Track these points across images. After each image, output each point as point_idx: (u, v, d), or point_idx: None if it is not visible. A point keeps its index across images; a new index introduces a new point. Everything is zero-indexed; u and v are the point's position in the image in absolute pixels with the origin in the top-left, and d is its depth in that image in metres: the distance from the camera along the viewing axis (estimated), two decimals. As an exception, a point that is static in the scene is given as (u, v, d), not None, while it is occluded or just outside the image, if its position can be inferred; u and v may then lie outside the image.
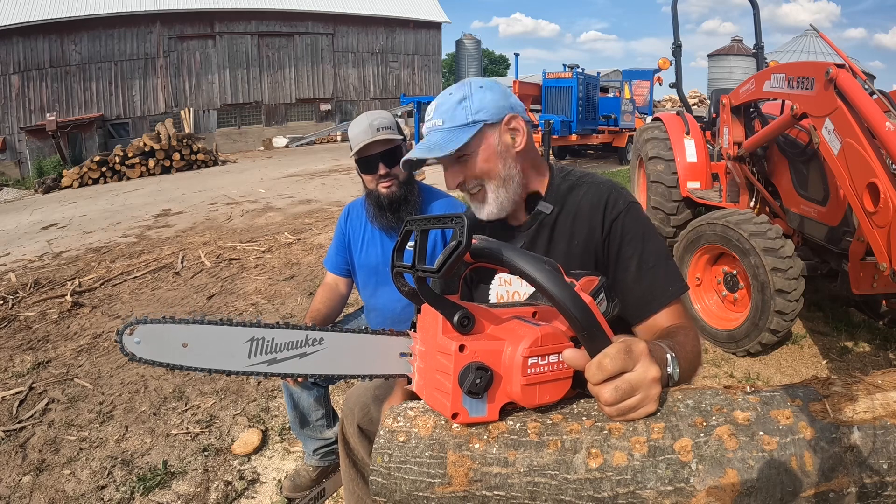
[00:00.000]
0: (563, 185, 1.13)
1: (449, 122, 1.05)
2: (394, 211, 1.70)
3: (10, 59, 17.04)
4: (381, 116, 1.68)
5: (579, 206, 1.10)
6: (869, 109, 1.92)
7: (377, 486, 0.70)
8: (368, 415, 1.38)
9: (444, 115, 1.05)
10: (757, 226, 2.71)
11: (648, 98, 12.57)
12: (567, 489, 0.63)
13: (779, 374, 2.76)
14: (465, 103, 1.05)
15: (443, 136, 1.04)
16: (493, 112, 1.05)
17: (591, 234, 1.07)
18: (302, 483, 1.94)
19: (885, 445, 0.60)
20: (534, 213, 1.12)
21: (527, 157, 1.11)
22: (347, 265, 1.89)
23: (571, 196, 1.12)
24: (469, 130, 1.04)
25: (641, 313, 1.03)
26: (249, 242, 5.86)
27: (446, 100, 1.07)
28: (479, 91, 1.06)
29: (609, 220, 1.06)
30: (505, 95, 1.09)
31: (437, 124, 1.06)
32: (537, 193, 1.13)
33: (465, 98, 1.06)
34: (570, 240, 1.09)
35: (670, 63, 4.91)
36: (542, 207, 1.12)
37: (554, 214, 1.11)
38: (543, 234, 1.11)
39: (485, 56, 37.57)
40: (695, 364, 0.90)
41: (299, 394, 1.83)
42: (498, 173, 1.07)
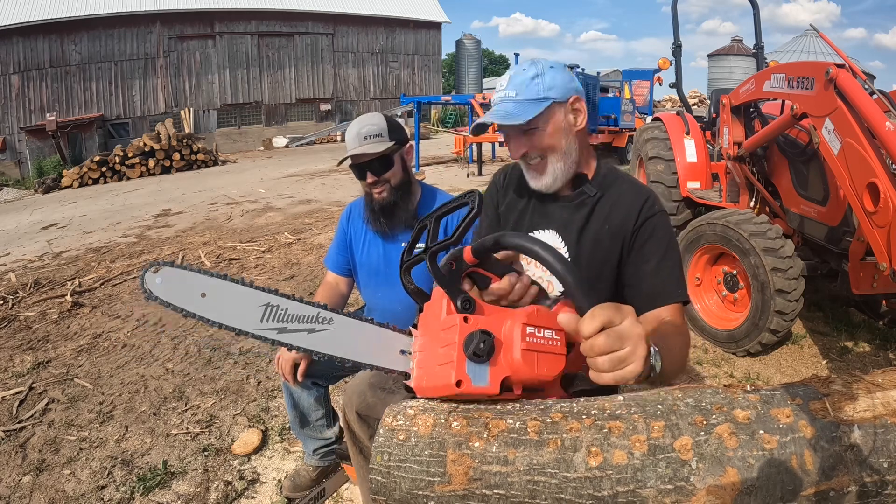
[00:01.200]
0: (609, 175, 1.22)
1: (522, 94, 1.11)
2: (386, 216, 1.70)
3: (10, 59, 17.05)
4: (370, 123, 1.67)
5: (620, 196, 1.18)
6: (869, 109, 1.92)
7: (377, 484, 0.70)
8: (366, 401, 1.44)
9: (518, 88, 1.11)
10: (757, 226, 2.71)
11: (648, 98, 12.57)
12: (567, 488, 0.62)
13: (779, 373, 2.76)
14: (538, 80, 1.11)
15: (515, 107, 1.10)
16: (562, 91, 1.12)
17: (624, 222, 1.15)
18: (302, 483, 1.94)
19: (885, 444, 0.60)
20: (579, 191, 1.20)
21: (583, 138, 1.19)
22: (348, 264, 1.88)
23: (615, 186, 1.20)
24: (540, 105, 1.10)
25: (651, 303, 1.10)
26: (249, 242, 5.86)
27: (520, 74, 1.13)
28: (551, 71, 1.13)
29: (645, 216, 1.15)
30: (572, 78, 1.16)
31: (509, 95, 1.12)
32: (584, 175, 1.21)
33: (539, 75, 1.12)
34: (604, 223, 1.17)
35: (670, 63, 4.91)
36: (588, 189, 1.20)
37: (596, 197, 1.19)
38: (583, 210, 1.19)
39: (485, 56, 37.57)
40: (678, 365, 0.94)
41: (299, 393, 1.83)
42: (560, 148, 1.15)
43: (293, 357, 1.70)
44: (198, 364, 3.09)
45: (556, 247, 1.18)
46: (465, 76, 24.96)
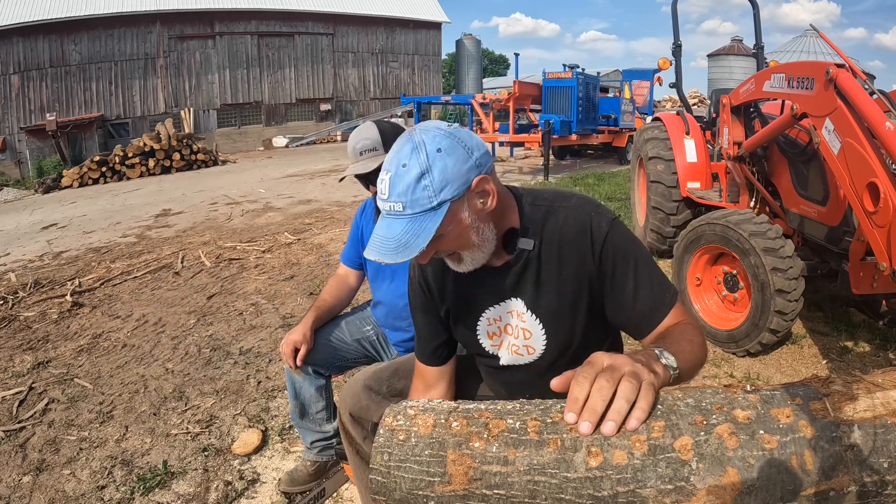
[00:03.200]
0: (536, 215, 1.07)
1: (410, 206, 0.90)
2: None
3: (10, 59, 17.04)
4: (363, 138, 1.69)
5: (562, 233, 1.05)
6: (869, 109, 1.92)
7: (377, 484, 0.70)
8: (359, 402, 1.45)
9: (404, 199, 0.89)
10: (757, 226, 2.71)
11: (648, 98, 12.57)
12: (567, 488, 0.62)
13: (779, 373, 2.76)
14: (426, 181, 0.89)
15: (407, 229, 0.90)
16: (458, 184, 0.91)
17: (581, 260, 1.04)
18: (299, 477, 1.95)
19: (885, 444, 0.60)
20: (517, 253, 1.06)
21: (498, 208, 1.01)
22: (360, 258, 1.93)
23: (549, 224, 1.06)
24: (436, 216, 0.90)
25: (647, 327, 1.02)
26: (249, 242, 5.86)
27: (402, 175, 0.90)
28: (439, 159, 0.90)
29: (598, 244, 1.03)
30: (467, 153, 0.93)
31: (395, 209, 0.90)
32: (513, 230, 1.06)
33: (425, 174, 0.89)
34: (560, 268, 1.06)
35: (670, 63, 4.91)
36: (524, 244, 1.05)
37: (536, 248, 1.06)
38: (531, 269, 1.07)
39: (485, 56, 37.56)
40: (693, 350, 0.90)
41: (301, 382, 1.85)
42: (472, 243, 0.99)
43: (294, 341, 1.73)
44: (198, 364, 3.09)
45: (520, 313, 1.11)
46: (465, 76, 24.95)
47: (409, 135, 0.93)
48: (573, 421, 0.66)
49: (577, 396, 0.68)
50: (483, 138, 10.93)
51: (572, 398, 0.68)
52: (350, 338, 1.88)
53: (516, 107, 11.10)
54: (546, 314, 1.09)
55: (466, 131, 0.97)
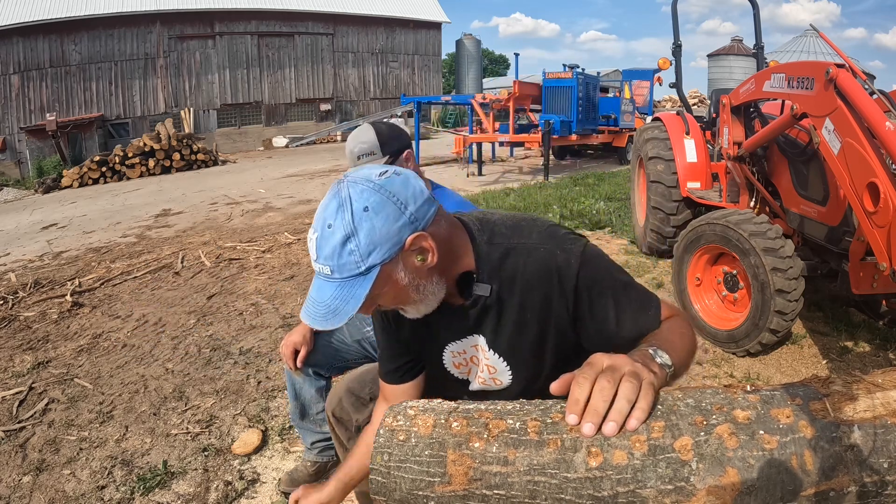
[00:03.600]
0: (493, 255, 0.98)
1: (338, 271, 0.83)
2: None
3: (10, 59, 17.03)
4: (361, 142, 1.66)
5: (524, 275, 0.97)
6: (869, 109, 1.92)
7: (376, 485, 0.70)
8: (341, 404, 1.49)
9: (331, 263, 0.83)
10: (757, 226, 2.71)
11: (648, 98, 12.57)
12: (567, 488, 0.62)
13: (779, 374, 2.76)
14: (352, 245, 0.82)
15: (336, 294, 0.84)
16: (389, 246, 0.83)
17: (546, 302, 0.97)
18: (299, 478, 1.95)
19: (885, 444, 0.60)
20: (473, 300, 0.99)
21: (445, 257, 0.92)
22: None
23: (507, 265, 0.98)
24: (365, 281, 0.84)
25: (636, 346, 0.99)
26: (249, 242, 5.86)
27: (327, 237, 0.83)
28: (365, 219, 0.82)
29: (569, 284, 0.95)
30: (399, 209, 0.84)
31: (324, 272, 0.85)
32: (468, 274, 0.98)
33: (350, 237, 0.82)
34: (521, 310, 0.99)
35: (670, 63, 4.91)
36: (480, 290, 0.98)
37: (494, 294, 0.98)
38: (490, 314, 1.00)
39: (485, 56, 37.56)
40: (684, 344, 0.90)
41: (301, 384, 1.85)
42: (413, 299, 0.92)
43: (294, 342, 1.73)
44: (198, 364, 3.09)
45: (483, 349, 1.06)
46: (465, 76, 24.95)
47: (336, 188, 0.85)
48: (575, 422, 0.66)
49: (577, 398, 0.68)
50: (483, 138, 11.01)
51: (573, 399, 0.68)
52: (350, 339, 1.88)
53: (516, 107, 11.10)
54: (509, 354, 1.04)
55: (402, 179, 0.86)
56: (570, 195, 7.49)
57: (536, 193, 7.79)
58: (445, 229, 0.92)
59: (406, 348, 1.14)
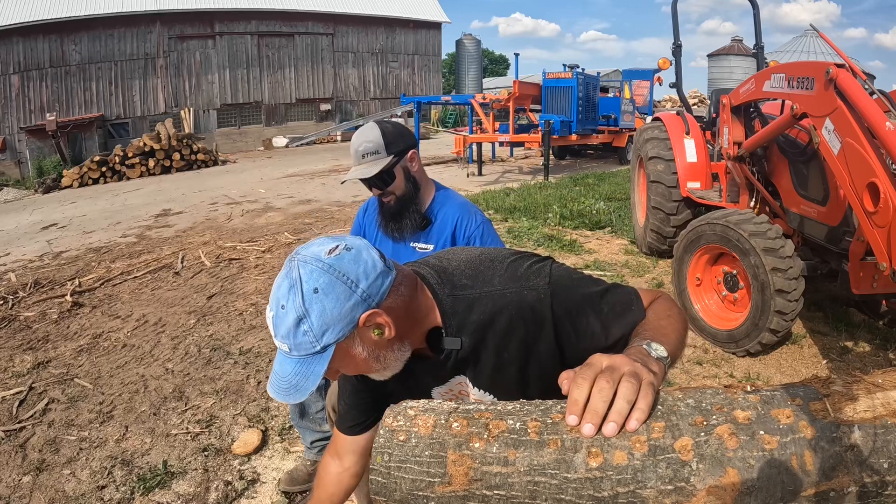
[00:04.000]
0: (459, 307, 0.96)
1: (295, 349, 0.84)
2: (396, 221, 1.72)
3: (10, 59, 17.03)
4: (366, 140, 1.66)
5: (494, 325, 0.96)
6: (869, 109, 1.92)
7: (377, 485, 0.70)
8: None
9: (288, 342, 0.84)
10: (757, 226, 2.71)
11: (648, 98, 12.58)
12: (567, 488, 0.62)
13: (779, 374, 2.76)
14: (305, 326, 0.82)
15: (296, 370, 0.85)
16: (342, 325, 0.84)
17: (524, 343, 0.96)
18: (299, 477, 1.95)
19: (885, 445, 0.60)
20: (444, 356, 0.98)
21: (406, 324, 0.91)
22: None
23: (474, 316, 0.96)
24: (322, 359, 0.85)
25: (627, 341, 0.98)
26: (249, 242, 5.86)
27: (281, 316, 0.83)
28: (316, 301, 0.82)
29: (547, 320, 0.94)
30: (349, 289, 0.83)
31: (283, 349, 0.86)
32: (435, 330, 0.97)
33: (302, 319, 0.82)
34: (498, 354, 0.98)
35: (670, 63, 4.91)
36: (450, 344, 0.96)
37: (468, 348, 0.97)
38: (465, 366, 1.00)
39: (485, 56, 37.57)
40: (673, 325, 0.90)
41: None
42: (374, 368, 0.92)
43: None
44: (198, 364, 3.09)
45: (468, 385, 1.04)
46: (465, 76, 24.96)
47: (288, 266, 0.86)
48: (575, 423, 0.66)
49: (577, 398, 0.68)
50: (483, 138, 11.01)
51: (573, 400, 0.68)
52: None
53: (516, 107, 11.10)
54: (493, 388, 1.03)
55: (354, 255, 0.86)
56: (570, 195, 7.49)
57: (536, 193, 7.79)
58: (404, 297, 0.91)
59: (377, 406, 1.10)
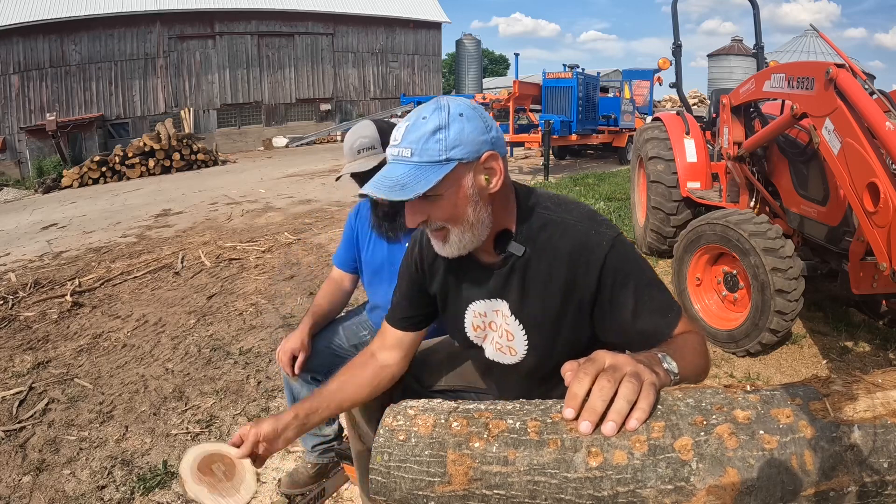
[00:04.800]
0: (534, 223, 1.03)
1: (418, 154, 0.91)
2: (389, 221, 1.71)
3: (10, 59, 17.03)
4: (362, 136, 1.66)
5: (556, 248, 1.01)
6: (869, 109, 1.92)
7: (377, 485, 0.70)
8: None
9: (414, 146, 0.91)
10: (757, 226, 2.71)
11: (648, 98, 12.57)
12: (567, 488, 0.62)
13: (779, 374, 2.76)
14: (441, 135, 0.90)
15: (409, 173, 0.91)
16: (471, 149, 0.92)
17: (572, 279, 1.00)
18: (300, 479, 1.95)
19: (885, 444, 0.60)
20: (505, 256, 1.04)
21: (500, 197, 1.00)
22: (355, 261, 1.91)
23: (544, 235, 1.02)
24: (441, 169, 0.90)
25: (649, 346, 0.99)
26: (249, 242, 5.86)
27: (419, 125, 0.92)
28: (458, 121, 0.91)
29: (595, 267, 0.98)
30: (485, 127, 0.95)
31: (403, 154, 0.92)
32: (507, 232, 1.04)
33: (441, 128, 0.90)
34: (547, 282, 1.02)
35: (670, 63, 4.91)
36: (514, 249, 1.03)
37: (526, 256, 1.03)
38: (516, 275, 1.05)
39: (485, 56, 37.56)
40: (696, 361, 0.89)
41: (299, 389, 1.84)
42: (466, 218, 0.96)
43: (292, 348, 1.72)
44: (198, 364, 3.09)
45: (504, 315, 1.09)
46: (465, 76, 24.94)
47: (436, 98, 0.96)
48: (571, 417, 0.66)
49: (576, 392, 0.68)
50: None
51: (572, 394, 0.68)
52: (348, 343, 1.85)
53: (516, 107, 11.10)
54: (528, 322, 1.07)
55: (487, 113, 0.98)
56: (570, 195, 7.48)
57: (536, 193, 7.77)
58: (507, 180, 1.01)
59: (425, 303, 1.19)
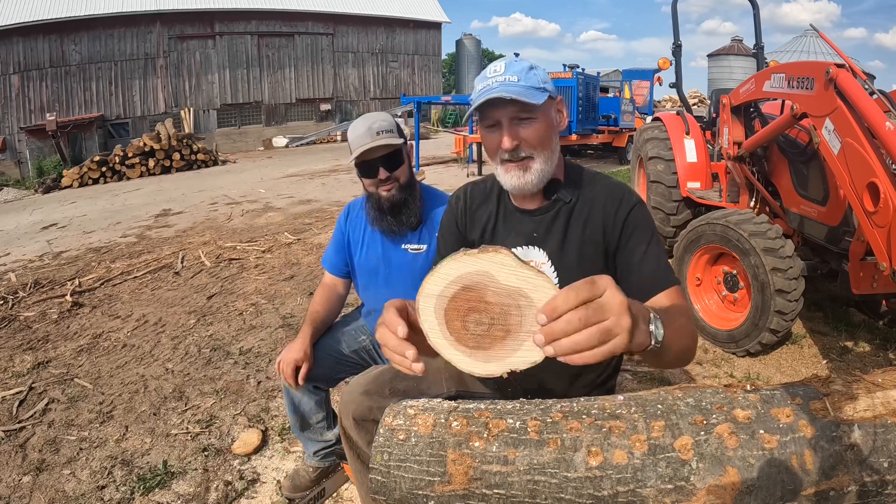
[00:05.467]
0: (579, 177, 1.21)
1: (525, 80, 1.07)
2: (394, 214, 1.67)
3: (10, 59, 17.04)
4: (380, 119, 1.63)
5: (595, 197, 1.16)
6: (869, 109, 1.92)
7: (377, 484, 0.70)
8: (361, 405, 1.42)
9: (519, 74, 1.07)
10: (757, 226, 2.70)
11: (648, 98, 12.57)
12: (567, 487, 0.62)
13: (779, 373, 2.75)
14: (535, 72, 1.09)
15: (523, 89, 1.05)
16: (553, 89, 1.12)
17: (605, 223, 1.14)
18: (301, 483, 1.94)
19: (885, 444, 0.60)
20: (554, 199, 1.18)
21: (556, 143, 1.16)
22: (346, 266, 1.87)
23: (588, 188, 1.18)
24: (542, 95, 1.07)
25: (647, 293, 1.07)
26: (249, 242, 5.86)
27: (516, 63, 1.10)
28: (539, 67, 1.12)
29: (624, 212, 1.13)
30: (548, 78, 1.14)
31: (510, 79, 1.07)
32: (557, 180, 1.18)
33: (534, 68, 1.10)
34: (585, 227, 1.16)
35: (670, 63, 4.91)
36: (563, 195, 1.17)
37: (572, 203, 1.17)
38: (560, 219, 1.17)
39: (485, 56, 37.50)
40: (683, 334, 0.89)
41: (300, 397, 1.82)
42: (550, 145, 1.12)
43: (295, 360, 1.69)
44: (198, 364, 3.09)
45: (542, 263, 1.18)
46: (465, 76, 24.95)
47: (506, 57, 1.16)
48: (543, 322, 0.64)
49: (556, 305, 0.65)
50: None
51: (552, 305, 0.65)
52: (348, 350, 1.84)
53: (516, 107, 11.08)
54: (564, 271, 1.16)
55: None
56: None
57: (536, 193, 7.77)
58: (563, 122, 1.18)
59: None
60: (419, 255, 1.70)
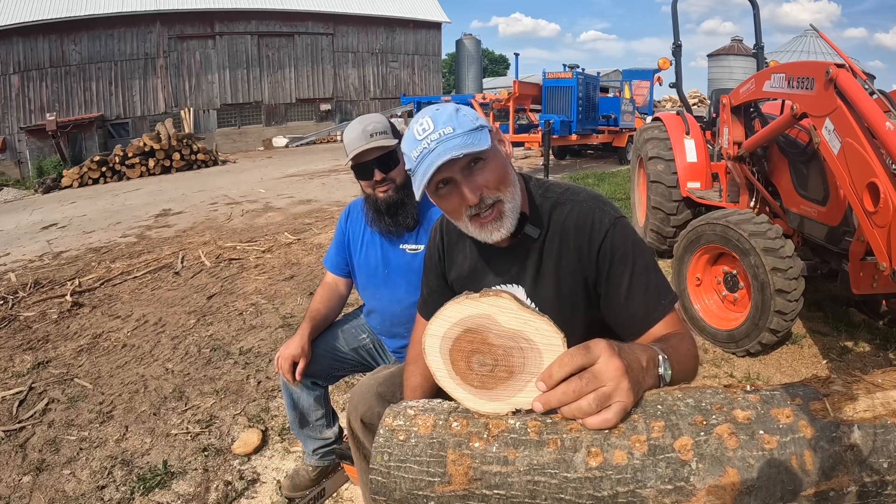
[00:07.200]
0: (545, 204, 1.10)
1: (459, 127, 0.96)
2: (392, 215, 1.67)
3: (10, 59, 17.04)
4: (374, 121, 1.63)
5: (564, 226, 1.07)
6: (869, 109, 1.92)
7: (377, 484, 0.70)
8: (372, 409, 1.41)
9: (451, 123, 0.97)
10: (757, 226, 2.71)
11: (648, 98, 12.57)
12: (567, 488, 0.62)
13: (779, 374, 2.76)
14: (463, 112, 0.99)
15: (465, 139, 0.95)
16: (484, 121, 1.02)
17: (578, 254, 1.06)
18: (301, 483, 1.94)
19: (885, 444, 0.60)
20: (521, 238, 1.09)
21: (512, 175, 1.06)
22: (347, 265, 1.88)
23: (555, 215, 1.09)
24: (481, 133, 0.97)
25: (638, 329, 1.01)
26: (249, 242, 5.86)
27: (440, 114, 0.99)
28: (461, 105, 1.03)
29: (597, 241, 1.03)
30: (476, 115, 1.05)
31: (447, 132, 0.96)
32: (522, 214, 1.07)
33: (458, 109, 1.00)
34: (559, 260, 1.08)
35: (670, 63, 4.91)
36: (530, 231, 1.09)
37: (541, 238, 1.09)
38: (532, 257, 1.10)
39: (485, 56, 37.56)
40: (688, 366, 0.89)
41: (299, 394, 1.83)
42: (511, 178, 1.03)
43: (292, 355, 1.70)
44: (198, 364, 3.09)
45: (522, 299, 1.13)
46: (465, 76, 24.95)
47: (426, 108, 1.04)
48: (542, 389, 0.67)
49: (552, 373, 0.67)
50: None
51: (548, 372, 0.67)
52: (347, 347, 1.84)
53: (516, 107, 11.10)
54: (544, 305, 1.09)
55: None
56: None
57: (536, 193, 7.77)
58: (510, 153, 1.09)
59: (451, 291, 1.22)
60: (417, 255, 1.70)
